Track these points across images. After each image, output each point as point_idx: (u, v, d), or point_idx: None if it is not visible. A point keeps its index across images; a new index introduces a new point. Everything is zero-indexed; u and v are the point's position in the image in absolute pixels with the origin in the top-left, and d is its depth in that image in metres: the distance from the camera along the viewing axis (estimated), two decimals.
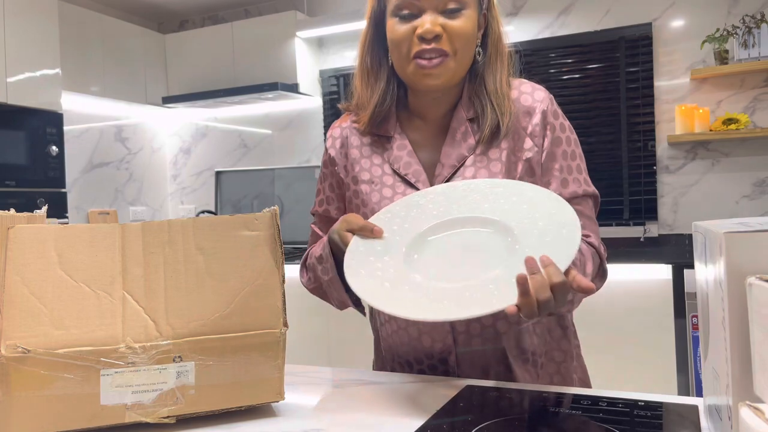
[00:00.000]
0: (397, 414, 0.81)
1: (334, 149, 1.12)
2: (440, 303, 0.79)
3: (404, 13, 0.98)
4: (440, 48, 0.96)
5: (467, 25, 0.97)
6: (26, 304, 0.72)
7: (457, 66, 0.99)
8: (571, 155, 1.01)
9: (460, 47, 0.97)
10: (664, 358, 2.60)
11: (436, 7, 0.96)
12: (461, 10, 0.97)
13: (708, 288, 0.65)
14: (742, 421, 0.45)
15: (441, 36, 0.96)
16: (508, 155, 0.99)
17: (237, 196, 4.14)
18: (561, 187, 0.99)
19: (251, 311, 0.79)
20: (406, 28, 0.97)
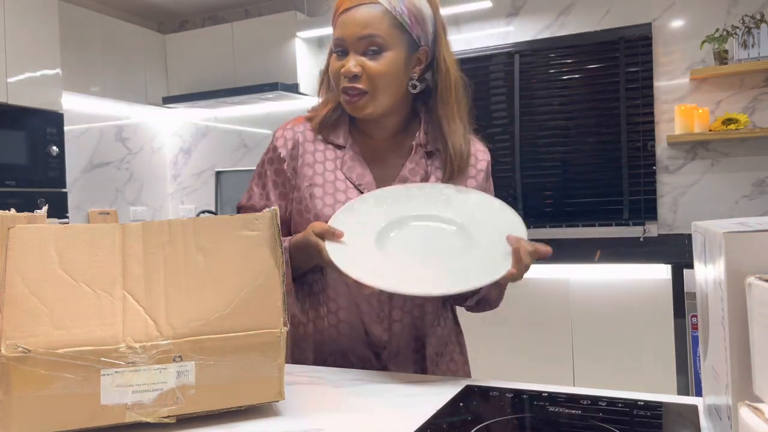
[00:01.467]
0: (397, 414, 0.81)
1: (285, 149, 1.15)
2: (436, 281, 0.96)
3: (338, 50, 1.09)
4: (357, 87, 1.06)
5: (385, 66, 1.06)
6: (26, 304, 0.72)
7: (378, 102, 1.08)
8: None
9: (379, 86, 1.06)
10: (664, 358, 2.60)
11: (358, 49, 1.06)
12: (381, 52, 1.05)
13: (707, 288, 0.65)
14: (741, 421, 0.45)
15: (359, 76, 1.06)
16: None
17: (237, 196, 4.14)
18: None
19: (251, 311, 0.79)
20: (338, 65, 1.09)
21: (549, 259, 1.11)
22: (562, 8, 3.33)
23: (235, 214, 0.82)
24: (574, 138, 3.34)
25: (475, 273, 0.96)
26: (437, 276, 0.97)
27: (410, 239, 1.03)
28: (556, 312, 2.79)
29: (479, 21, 3.48)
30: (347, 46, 1.06)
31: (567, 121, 3.35)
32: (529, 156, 3.45)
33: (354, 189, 1.10)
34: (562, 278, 2.78)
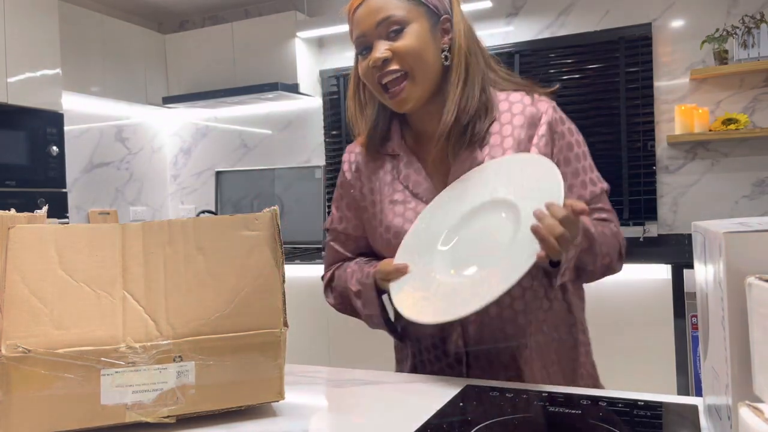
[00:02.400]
0: (397, 414, 0.81)
1: (350, 173, 1.17)
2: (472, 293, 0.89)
3: (361, 50, 1.05)
4: (393, 69, 1.01)
5: (412, 40, 1.01)
6: (26, 304, 0.72)
7: (421, 82, 1.03)
8: (583, 155, 1.07)
9: (413, 63, 1.01)
10: (664, 358, 2.60)
11: (380, 35, 1.02)
12: (403, 29, 1.01)
13: (708, 288, 0.65)
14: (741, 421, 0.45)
15: (390, 59, 1.01)
16: None
17: (237, 196, 4.14)
18: (581, 189, 1.05)
19: (251, 311, 0.79)
20: (365, 63, 1.04)
21: None
22: (562, 8, 3.33)
23: (235, 214, 0.82)
24: None
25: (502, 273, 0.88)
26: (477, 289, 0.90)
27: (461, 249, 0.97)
28: None
29: (479, 21, 3.48)
30: (369, 39, 1.03)
31: None
32: None
33: (413, 199, 1.08)
34: None
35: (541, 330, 1.05)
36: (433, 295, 0.94)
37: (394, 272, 1.00)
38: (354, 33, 1.05)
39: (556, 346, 1.07)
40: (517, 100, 1.07)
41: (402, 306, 0.96)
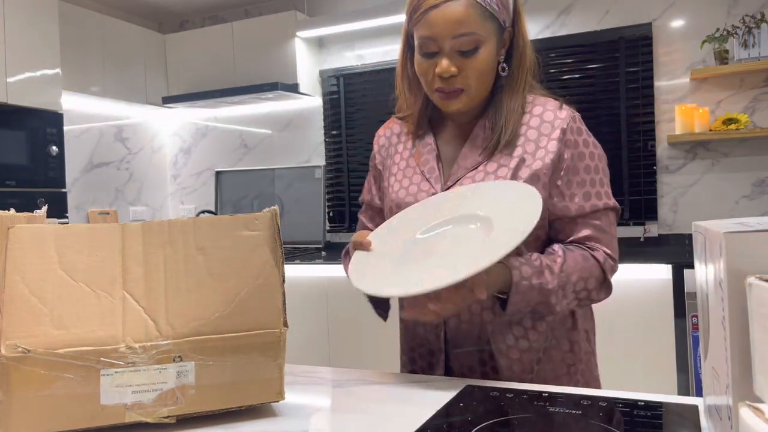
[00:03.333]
0: (397, 414, 0.81)
1: (377, 145, 1.24)
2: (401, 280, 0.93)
3: (427, 51, 1.04)
4: (455, 86, 1.03)
5: (482, 63, 1.03)
6: (26, 304, 0.72)
7: (473, 98, 1.06)
8: (594, 169, 1.06)
9: (474, 82, 1.04)
10: (664, 358, 2.60)
11: (452, 47, 1.01)
12: (477, 49, 1.02)
13: (708, 288, 0.65)
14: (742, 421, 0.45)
15: (456, 75, 1.02)
16: (518, 163, 1.05)
17: (237, 196, 4.13)
18: (583, 200, 1.05)
19: (251, 311, 0.79)
20: (428, 64, 1.04)
21: None
22: (562, 8, 3.33)
23: (235, 214, 0.82)
24: None
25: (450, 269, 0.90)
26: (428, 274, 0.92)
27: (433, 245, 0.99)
28: None
29: None
30: (439, 44, 1.01)
31: None
32: None
33: (419, 175, 1.13)
34: None
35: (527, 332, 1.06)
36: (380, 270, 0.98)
37: (359, 244, 1.05)
38: (421, 29, 1.02)
39: (548, 350, 1.07)
40: (540, 104, 1.09)
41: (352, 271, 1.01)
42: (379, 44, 3.75)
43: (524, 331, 1.06)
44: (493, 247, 0.89)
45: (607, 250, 1.05)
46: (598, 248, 1.04)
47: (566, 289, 0.99)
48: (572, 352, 1.09)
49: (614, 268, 1.06)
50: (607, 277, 1.05)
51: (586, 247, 1.04)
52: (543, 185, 1.04)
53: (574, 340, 1.10)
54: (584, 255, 1.02)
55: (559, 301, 0.99)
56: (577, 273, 1.00)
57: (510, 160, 1.05)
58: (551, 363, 1.07)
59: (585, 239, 1.05)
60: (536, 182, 1.04)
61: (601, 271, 1.03)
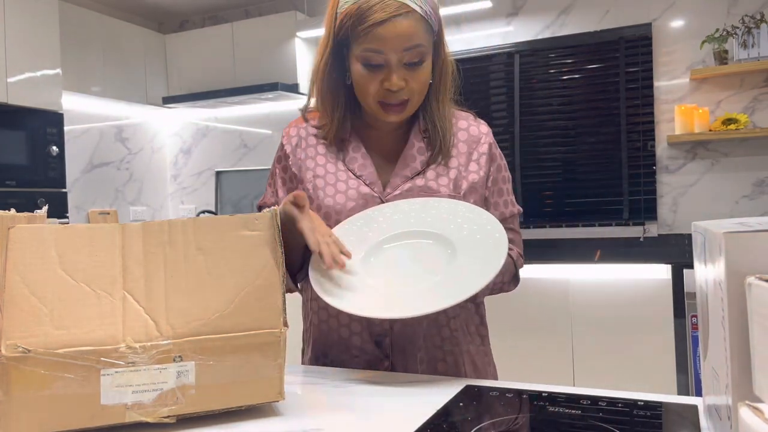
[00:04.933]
0: (397, 414, 0.81)
1: (290, 146, 1.17)
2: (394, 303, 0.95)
3: (372, 62, 1.03)
4: (401, 98, 1.06)
5: (426, 74, 1.07)
6: (26, 304, 0.72)
7: (414, 106, 1.09)
8: (508, 179, 1.19)
9: (418, 93, 1.07)
10: (664, 358, 2.60)
11: (399, 60, 1.02)
12: (422, 62, 1.04)
13: (708, 288, 0.65)
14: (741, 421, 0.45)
15: (404, 88, 1.05)
16: (456, 174, 1.12)
17: (237, 196, 4.13)
18: (503, 207, 1.16)
19: (251, 311, 0.79)
20: (371, 77, 1.04)
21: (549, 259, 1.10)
22: (562, 8, 3.33)
23: (235, 214, 0.82)
24: (574, 138, 3.34)
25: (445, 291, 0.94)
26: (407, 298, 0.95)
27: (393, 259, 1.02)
28: (556, 312, 2.79)
29: (479, 21, 3.47)
30: (386, 58, 1.02)
31: (567, 121, 3.35)
32: (529, 156, 3.45)
33: (355, 180, 1.11)
34: (562, 278, 2.78)
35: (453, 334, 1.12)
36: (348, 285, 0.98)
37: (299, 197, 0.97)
38: (367, 43, 1.01)
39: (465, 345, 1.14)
40: (462, 118, 1.17)
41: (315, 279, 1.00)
42: None
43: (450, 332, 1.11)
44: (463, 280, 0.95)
45: (519, 250, 1.17)
46: (513, 248, 1.14)
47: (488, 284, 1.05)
48: (483, 346, 1.18)
49: (522, 265, 1.18)
50: (518, 273, 1.16)
51: None
52: (480, 196, 1.13)
53: (484, 335, 1.18)
54: None
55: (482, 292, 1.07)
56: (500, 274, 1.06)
57: (448, 170, 1.11)
58: (470, 357, 1.13)
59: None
60: (474, 193, 1.12)
61: (514, 268, 1.14)
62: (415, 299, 0.94)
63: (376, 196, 1.09)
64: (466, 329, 1.14)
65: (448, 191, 1.09)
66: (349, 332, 1.10)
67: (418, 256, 1.02)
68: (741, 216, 2.98)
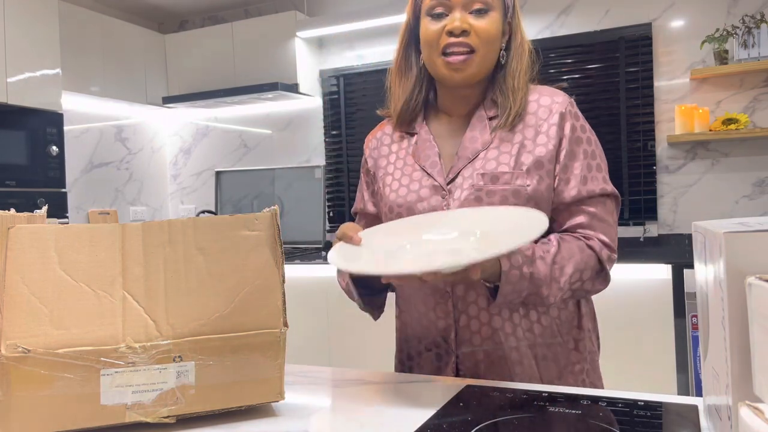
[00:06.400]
0: (397, 414, 0.81)
1: (368, 150, 1.22)
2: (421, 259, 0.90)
3: (436, 12, 1.06)
4: (467, 42, 1.04)
5: (492, 25, 1.05)
6: (26, 304, 0.72)
7: (481, 62, 1.06)
8: (591, 155, 1.06)
9: (484, 44, 1.05)
10: (664, 358, 2.60)
11: (465, 6, 1.04)
12: (488, 11, 1.05)
13: (708, 288, 0.65)
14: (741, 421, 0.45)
15: (468, 32, 1.04)
16: (519, 149, 1.05)
17: (237, 196, 4.13)
18: (580, 185, 1.04)
19: (251, 311, 0.79)
20: (437, 26, 1.05)
21: None
22: (562, 8, 3.33)
23: (235, 214, 0.82)
24: None
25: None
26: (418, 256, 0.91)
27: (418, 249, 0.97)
28: None
29: None
30: (451, 4, 1.05)
31: None
32: None
33: (420, 171, 1.10)
34: None
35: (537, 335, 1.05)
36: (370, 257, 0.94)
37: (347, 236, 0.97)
38: None
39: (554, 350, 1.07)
40: (536, 91, 1.11)
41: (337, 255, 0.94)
42: (379, 44, 3.75)
43: (530, 324, 1.05)
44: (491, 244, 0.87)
45: (603, 237, 1.03)
46: (593, 237, 1.03)
47: (560, 280, 0.97)
48: (577, 351, 1.09)
49: (612, 258, 1.03)
50: (605, 267, 1.03)
51: (582, 236, 1.03)
52: (547, 172, 1.04)
53: (579, 339, 1.09)
54: (580, 245, 1.01)
55: (552, 292, 0.97)
56: (571, 264, 0.98)
57: (511, 146, 1.05)
58: (556, 362, 1.07)
59: (579, 226, 1.03)
60: (540, 169, 1.03)
61: (597, 261, 1.02)
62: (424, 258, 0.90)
63: (437, 185, 1.07)
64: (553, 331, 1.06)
65: (509, 168, 1.03)
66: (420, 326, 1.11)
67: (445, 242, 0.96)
68: (741, 216, 2.98)
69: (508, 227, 0.91)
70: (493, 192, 1.02)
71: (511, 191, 1.01)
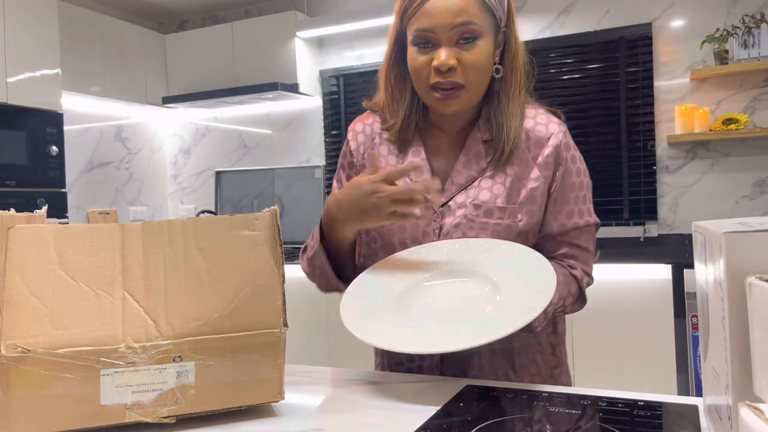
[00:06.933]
0: (397, 414, 0.81)
1: (356, 142, 1.15)
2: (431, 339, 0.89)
3: (422, 43, 1.00)
4: (454, 81, 0.98)
5: (481, 55, 0.99)
6: (26, 304, 0.72)
7: (472, 95, 1.02)
8: (580, 186, 1.06)
9: (474, 77, 1.00)
10: (664, 358, 2.60)
11: (451, 39, 0.98)
12: (476, 40, 0.98)
13: (708, 288, 0.65)
14: (741, 421, 0.45)
15: (455, 68, 0.98)
16: (513, 181, 1.03)
17: (237, 196, 4.13)
18: (568, 219, 1.05)
19: (251, 311, 0.79)
20: (424, 58, 1.00)
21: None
22: (562, 8, 3.33)
23: (235, 214, 0.82)
24: (574, 138, 3.33)
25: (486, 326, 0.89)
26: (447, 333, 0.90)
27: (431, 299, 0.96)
28: None
29: None
30: (437, 36, 0.97)
31: (567, 121, 3.33)
32: None
33: None
34: None
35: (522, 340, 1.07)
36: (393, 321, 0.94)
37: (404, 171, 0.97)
38: (417, 21, 0.99)
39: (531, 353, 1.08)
40: (530, 117, 1.07)
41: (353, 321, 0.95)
42: (379, 44, 3.75)
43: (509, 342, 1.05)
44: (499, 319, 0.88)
45: (585, 267, 1.06)
46: (576, 266, 1.05)
47: (547, 310, 0.99)
48: (555, 356, 1.11)
49: (590, 283, 1.07)
50: (584, 293, 1.07)
51: (567, 264, 1.05)
52: (539, 207, 1.04)
53: (556, 344, 1.12)
54: (564, 274, 1.03)
55: (539, 322, 1.00)
56: (557, 294, 0.99)
57: (504, 177, 1.03)
58: (536, 367, 1.08)
59: (564, 256, 1.05)
60: (533, 204, 1.03)
61: (578, 288, 1.05)
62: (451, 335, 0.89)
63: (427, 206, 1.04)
64: (536, 338, 1.08)
65: (502, 202, 1.02)
66: None
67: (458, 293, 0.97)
68: (741, 216, 2.98)
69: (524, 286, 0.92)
70: (486, 225, 1.02)
71: (504, 226, 1.02)
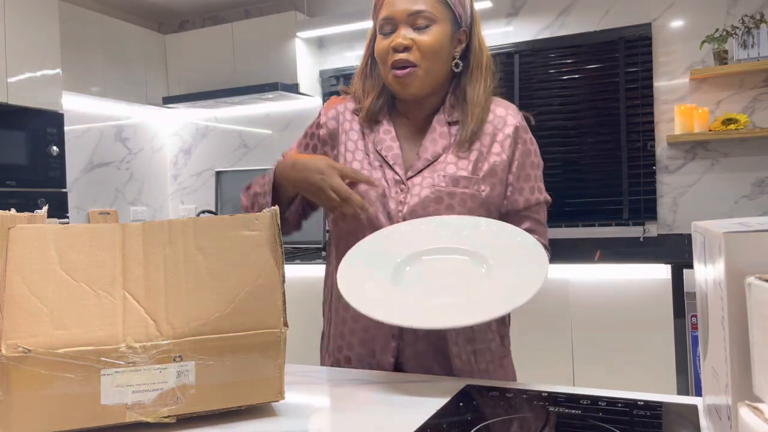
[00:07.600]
0: (397, 414, 0.81)
1: (326, 117, 1.24)
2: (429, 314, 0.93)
3: (385, 29, 1.14)
4: (408, 59, 1.10)
5: (435, 39, 1.11)
6: (27, 304, 0.72)
7: (426, 76, 1.12)
8: (537, 165, 1.18)
9: (426, 58, 1.11)
10: (664, 358, 2.60)
11: (407, 23, 1.11)
12: (429, 26, 1.11)
13: (707, 288, 0.65)
14: (741, 420, 0.45)
15: (410, 48, 1.10)
16: (477, 156, 1.13)
17: (237, 196, 4.13)
18: (530, 194, 1.16)
19: (251, 311, 0.79)
20: (385, 42, 1.13)
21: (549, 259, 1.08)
22: (562, 8, 3.33)
23: (235, 214, 0.82)
24: (574, 138, 3.34)
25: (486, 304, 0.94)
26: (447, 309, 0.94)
27: (425, 273, 1.01)
28: (556, 312, 2.79)
29: None
30: (396, 23, 1.11)
31: (567, 121, 3.35)
32: None
33: (380, 160, 1.15)
34: (562, 278, 2.78)
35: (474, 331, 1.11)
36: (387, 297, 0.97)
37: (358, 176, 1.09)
38: (381, 12, 1.13)
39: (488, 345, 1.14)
40: (494, 103, 1.19)
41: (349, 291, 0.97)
42: None
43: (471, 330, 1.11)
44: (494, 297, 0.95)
45: (543, 240, 1.15)
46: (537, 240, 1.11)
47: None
48: (503, 346, 1.18)
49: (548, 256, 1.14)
50: None
51: None
52: (500, 180, 1.13)
53: (504, 334, 1.18)
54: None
55: None
56: None
57: (469, 153, 1.13)
58: (490, 355, 1.13)
59: (527, 230, 1.12)
60: (494, 177, 1.12)
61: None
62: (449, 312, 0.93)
63: (398, 179, 1.13)
64: (486, 327, 1.14)
65: (467, 173, 1.11)
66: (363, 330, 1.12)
67: (453, 270, 1.02)
68: (741, 216, 2.98)
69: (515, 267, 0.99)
70: (453, 194, 1.10)
71: (469, 195, 1.11)
